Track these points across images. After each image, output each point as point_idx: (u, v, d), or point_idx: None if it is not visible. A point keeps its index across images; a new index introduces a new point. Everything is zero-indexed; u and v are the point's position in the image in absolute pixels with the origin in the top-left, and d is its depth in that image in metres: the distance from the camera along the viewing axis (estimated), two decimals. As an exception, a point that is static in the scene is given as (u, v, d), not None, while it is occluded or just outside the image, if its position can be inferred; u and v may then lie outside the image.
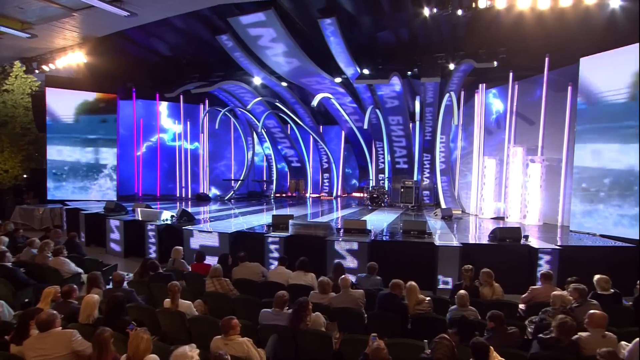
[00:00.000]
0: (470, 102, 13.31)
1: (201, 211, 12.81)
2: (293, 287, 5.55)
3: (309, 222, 8.51)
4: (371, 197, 14.75)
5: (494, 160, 11.63)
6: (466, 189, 13.44)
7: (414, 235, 8.03)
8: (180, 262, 6.43)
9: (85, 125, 15.41)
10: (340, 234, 8.29)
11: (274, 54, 12.38)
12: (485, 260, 7.29)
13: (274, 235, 8.19)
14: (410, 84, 14.64)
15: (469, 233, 9.41)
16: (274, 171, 19.16)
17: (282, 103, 16.85)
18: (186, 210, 10.05)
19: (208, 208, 13.89)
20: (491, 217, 11.66)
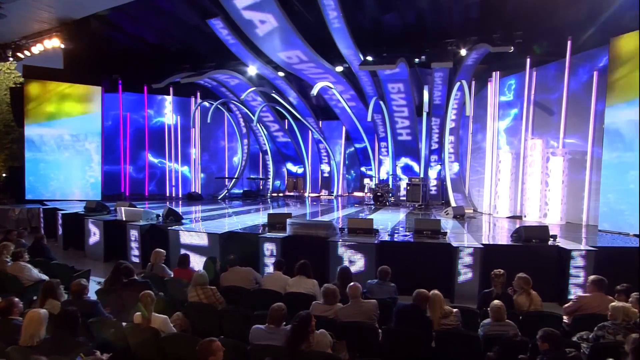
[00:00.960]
0: (481, 92, 12.61)
1: (192, 211, 12.05)
2: (292, 295, 4.81)
3: (309, 221, 7.78)
4: (375, 196, 14.01)
5: (509, 154, 10.91)
6: (478, 186, 12.72)
7: (428, 236, 7.29)
8: (160, 267, 5.67)
9: (67, 119, 14.62)
10: (344, 235, 7.56)
11: (271, 40, 11.64)
12: (509, 263, 6.56)
13: (270, 235, 7.45)
14: (417, 74, 13.92)
15: (486, 233, 8.67)
16: (271, 169, 18.39)
17: (279, 96, 16.10)
18: (172, 209, 9.29)
19: (200, 207, 13.11)
20: (507, 216, 10.94)
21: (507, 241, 7.29)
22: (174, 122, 16.44)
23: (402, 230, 8.54)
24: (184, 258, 5.49)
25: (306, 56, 12.05)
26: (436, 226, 7.41)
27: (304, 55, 11.97)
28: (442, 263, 6.77)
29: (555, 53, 10.13)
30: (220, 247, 7.68)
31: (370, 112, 12.73)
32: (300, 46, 11.52)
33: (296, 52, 11.79)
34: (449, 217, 10.57)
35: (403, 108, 13.98)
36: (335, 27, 10.49)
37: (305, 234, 7.50)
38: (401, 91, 13.36)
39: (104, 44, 14.79)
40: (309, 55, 12.03)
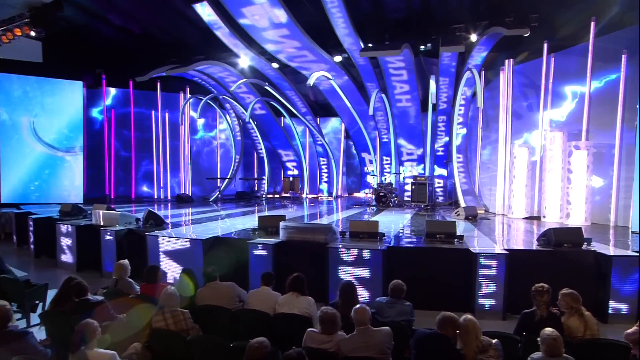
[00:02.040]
0: (491, 83, 11.74)
1: (180, 214, 11.14)
2: (282, 317, 3.92)
3: (306, 225, 6.89)
4: (377, 196, 13.12)
5: (525, 148, 10.03)
6: (489, 184, 11.84)
7: (441, 240, 6.41)
8: (126, 283, 4.75)
9: (46, 116, 13.71)
10: (345, 239, 6.68)
11: (263, 27, 10.75)
12: (538, 273, 5.72)
13: (261, 241, 6.54)
14: (422, 65, 13.06)
15: (506, 236, 7.77)
16: (266, 169, 17.48)
17: (274, 90, 15.20)
18: (153, 212, 8.38)
19: (189, 210, 12.18)
20: (523, 216, 10.06)
21: (532, 245, 6.39)
22: (161, 118, 15.52)
23: (410, 234, 7.64)
24: (152, 271, 4.57)
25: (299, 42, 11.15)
26: (451, 229, 6.52)
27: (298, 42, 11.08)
28: (459, 272, 5.90)
29: (575, 37, 9.27)
30: (203, 255, 6.79)
31: (371, 105, 11.84)
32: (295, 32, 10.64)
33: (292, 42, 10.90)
34: (460, 219, 9.67)
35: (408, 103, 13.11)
36: (333, 11, 9.62)
37: (301, 239, 6.62)
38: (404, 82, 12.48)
39: (85, 35, 13.93)
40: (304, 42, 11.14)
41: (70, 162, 14.01)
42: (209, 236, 7.05)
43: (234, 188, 17.36)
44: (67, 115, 13.92)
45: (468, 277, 5.75)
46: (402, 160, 14.71)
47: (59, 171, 13.94)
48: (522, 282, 5.80)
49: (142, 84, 14.85)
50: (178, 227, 8.37)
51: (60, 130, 13.87)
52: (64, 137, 13.91)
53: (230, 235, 7.35)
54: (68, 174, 14.04)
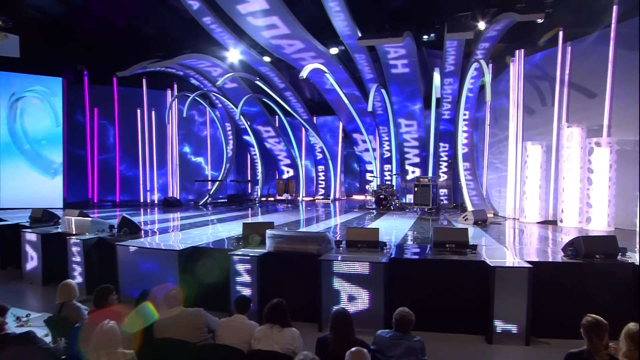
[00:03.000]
0: (500, 76, 10.96)
1: (164, 219, 10.33)
2: (258, 356, 3.11)
3: (296, 233, 6.08)
4: (377, 199, 12.32)
5: (539, 146, 9.24)
6: (498, 185, 11.04)
7: (452, 250, 5.60)
8: (73, 308, 3.94)
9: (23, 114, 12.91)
10: (342, 250, 5.89)
11: (252, 15, 9.96)
12: (568, 290, 4.97)
13: (244, 253, 5.75)
14: (424, 58, 12.29)
15: (522, 245, 6.95)
16: (259, 170, 16.68)
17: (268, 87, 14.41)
18: (128, 218, 7.57)
19: (175, 215, 11.37)
20: (537, 221, 9.26)
21: (557, 256, 5.58)
22: (147, 117, 14.72)
23: (415, 243, 6.83)
24: (103, 293, 3.75)
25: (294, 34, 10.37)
26: (462, 237, 5.72)
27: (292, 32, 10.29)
28: (472, 289, 5.11)
29: (594, 23, 8.49)
30: (179, 268, 5.99)
31: (370, 100, 11.06)
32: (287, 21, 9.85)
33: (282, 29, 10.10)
34: (468, 224, 8.87)
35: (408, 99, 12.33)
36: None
37: (290, 250, 5.82)
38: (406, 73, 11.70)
39: (65, 28, 13.16)
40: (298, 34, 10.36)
41: (48, 163, 13.19)
42: (186, 246, 6.24)
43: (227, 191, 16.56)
44: (45, 113, 13.12)
45: (483, 294, 4.95)
46: (404, 160, 13.91)
47: (37, 173, 13.13)
48: (548, 300, 5.03)
49: (127, 80, 14.08)
50: (158, 235, 7.56)
51: (39, 129, 13.07)
52: (42, 137, 13.10)
53: (210, 245, 6.53)
54: (47, 176, 13.22)
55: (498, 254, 5.74)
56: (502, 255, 5.67)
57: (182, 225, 9.20)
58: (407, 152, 13.77)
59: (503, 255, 5.68)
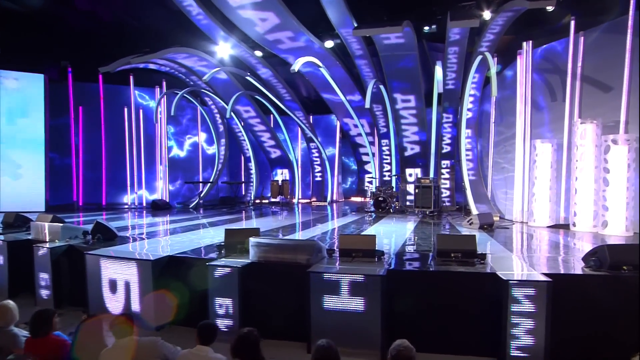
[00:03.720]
0: (506, 70, 10.37)
1: (150, 223, 9.72)
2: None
3: (283, 241, 5.47)
4: (376, 201, 11.70)
5: (549, 144, 8.63)
6: (505, 186, 10.43)
7: (457, 260, 4.99)
8: (9, 335, 3.32)
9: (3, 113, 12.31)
10: (334, 259, 5.30)
11: (242, 6, 9.37)
12: (590, 307, 4.35)
13: (224, 263, 5.14)
14: (425, 52, 11.70)
15: (534, 253, 6.31)
16: (253, 171, 16.06)
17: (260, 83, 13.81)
18: (102, 223, 6.96)
19: (161, 219, 10.75)
20: (547, 225, 8.65)
21: (576, 267, 4.97)
22: (135, 116, 14.11)
23: (416, 251, 6.22)
24: (41, 318, 3.13)
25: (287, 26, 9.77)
26: (469, 245, 5.11)
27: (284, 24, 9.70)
28: (482, 305, 4.51)
29: (608, 10, 7.89)
30: (153, 280, 5.37)
31: (368, 96, 10.46)
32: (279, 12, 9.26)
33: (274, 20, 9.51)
34: (473, 228, 8.27)
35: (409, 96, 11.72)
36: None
37: (277, 260, 5.21)
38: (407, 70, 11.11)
39: (48, 23, 12.58)
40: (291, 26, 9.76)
41: (30, 164, 12.58)
42: (161, 255, 5.63)
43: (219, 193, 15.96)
44: (27, 111, 12.52)
45: (495, 311, 4.34)
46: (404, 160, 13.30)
47: (17, 174, 12.51)
48: (569, 318, 4.43)
49: (113, 78, 13.53)
50: (137, 242, 6.94)
51: (19, 128, 12.46)
52: (23, 136, 12.49)
53: (189, 253, 5.91)
54: (27, 177, 12.61)
55: (509, 265, 5.14)
56: (514, 266, 5.07)
57: (166, 230, 8.58)
58: (407, 152, 13.15)
59: (515, 266, 5.07)
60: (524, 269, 4.86)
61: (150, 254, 5.82)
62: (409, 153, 13.10)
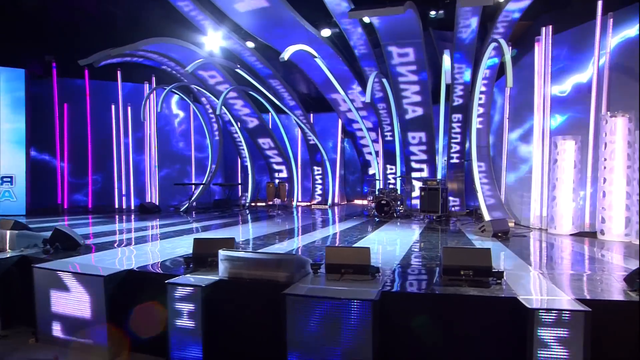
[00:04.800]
0: (522, 59, 9.45)
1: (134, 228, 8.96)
2: None
3: (258, 255, 4.63)
4: (378, 205, 10.83)
5: (572, 141, 7.69)
6: (520, 189, 9.50)
7: (468, 279, 4.12)
8: None
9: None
10: (319, 276, 4.48)
11: None
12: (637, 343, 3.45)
13: (186, 281, 4.34)
14: (432, 42, 10.83)
15: (559, 270, 5.36)
16: (249, 172, 15.27)
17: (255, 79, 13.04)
18: (62, 230, 6.19)
19: (150, 223, 9.98)
20: (571, 232, 7.71)
21: (614, 289, 4.05)
22: (123, 113, 13.41)
23: (420, 265, 5.35)
24: None
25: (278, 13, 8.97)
26: (482, 261, 4.23)
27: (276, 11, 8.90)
28: (501, 339, 3.63)
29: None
30: (106, 300, 4.58)
31: (368, 90, 9.61)
32: None
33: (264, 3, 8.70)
34: (486, 236, 7.37)
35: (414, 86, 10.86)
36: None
37: (250, 278, 4.39)
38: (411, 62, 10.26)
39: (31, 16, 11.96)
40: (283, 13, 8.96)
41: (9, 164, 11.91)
42: (117, 270, 4.82)
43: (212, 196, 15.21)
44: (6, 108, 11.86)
45: (517, 346, 3.47)
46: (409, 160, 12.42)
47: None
48: (610, 355, 3.56)
49: (100, 73, 12.87)
50: (105, 251, 6.15)
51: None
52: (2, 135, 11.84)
53: (151, 267, 5.10)
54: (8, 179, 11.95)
55: (531, 285, 4.24)
56: (537, 287, 4.17)
57: (144, 236, 7.79)
58: (413, 152, 12.26)
59: (539, 287, 4.18)
60: (551, 292, 3.96)
61: (108, 267, 5.03)
62: (414, 153, 12.22)
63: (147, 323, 4.48)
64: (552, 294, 3.89)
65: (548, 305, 3.49)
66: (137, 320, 4.56)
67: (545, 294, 3.96)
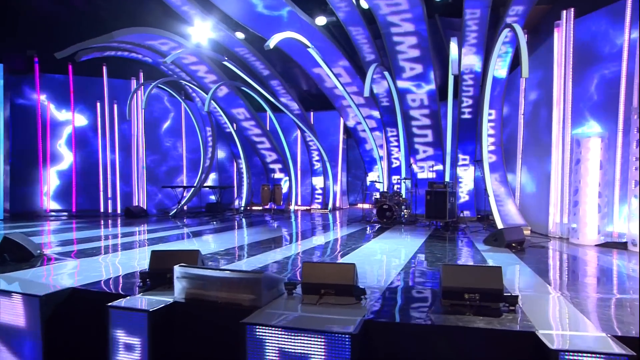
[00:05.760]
0: (539, 48, 8.69)
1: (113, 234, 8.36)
2: None
3: (220, 273, 3.93)
4: (380, 210, 10.12)
5: (598, 139, 6.91)
6: (538, 193, 8.71)
7: (474, 305, 3.42)
8: None
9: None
10: (296, 296, 3.83)
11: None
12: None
13: (130, 305, 3.70)
14: (438, 30, 10.12)
15: (584, 290, 4.59)
16: (244, 175, 14.66)
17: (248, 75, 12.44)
18: (11, 238, 5.61)
19: (134, 229, 9.39)
20: (596, 243, 6.92)
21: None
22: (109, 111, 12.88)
23: (421, 282, 4.64)
24: None
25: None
26: (493, 282, 3.52)
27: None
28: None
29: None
30: (42, 325, 3.95)
31: (367, 83, 8.93)
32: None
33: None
34: (498, 246, 6.62)
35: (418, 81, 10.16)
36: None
37: (211, 300, 3.75)
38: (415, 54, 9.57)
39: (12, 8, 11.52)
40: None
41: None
42: (57, 289, 4.19)
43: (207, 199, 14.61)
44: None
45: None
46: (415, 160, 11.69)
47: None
48: None
49: (85, 69, 12.41)
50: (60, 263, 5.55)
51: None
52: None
53: (103, 284, 4.47)
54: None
55: (553, 313, 3.51)
56: (561, 317, 3.43)
57: (117, 245, 7.18)
58: (419, 150, 11.54)
59: (563, 316, 3.43)
60: (578, 324, 3.22)
61: (50, 284, 4.41)
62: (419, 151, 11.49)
63: (89, 356, 3.85)
64: (579, 326, 3.15)
65: (575, 344, 2.76)
66: (77, 351, 3.93)
67: (571, 325, 3.22)
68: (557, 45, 7.73)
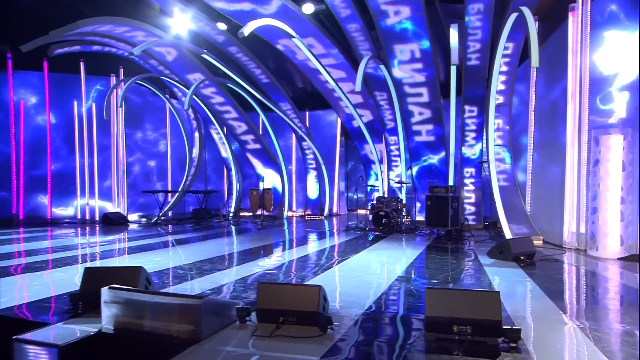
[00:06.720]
0: (552, 36, 8.05)
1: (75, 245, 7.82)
2: None
3: (156, 297, 3.32)
4: (375, 216, 9.50)
5: (620, 137, 6.24)
6: (550, 199, 8.03)
7: (463, 340, 2.79)
8: None
9: None
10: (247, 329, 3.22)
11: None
12: None
13: (39, 339, 3.11)
14: (439, 18, 9.52)
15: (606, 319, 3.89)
16: (233, 179, 14.11)
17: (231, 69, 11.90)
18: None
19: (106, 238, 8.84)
20: (619, 256, 6.22)
21: None
22: (87, 110, 12.41)
23: (397, 310, 3.99)
24: None
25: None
26: (488, 310, 2.89)
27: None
28: None
29: None
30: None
31: (359, 76, 8.33)
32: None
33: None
34: (504, 259, 5.96)
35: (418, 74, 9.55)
36: None
37: (143, 330, 3.16)
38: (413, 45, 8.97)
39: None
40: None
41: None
42: (-32, 314, 3.61)
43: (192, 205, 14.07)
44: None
45: None
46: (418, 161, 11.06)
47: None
48: None
49: (61, 65, 12.00)
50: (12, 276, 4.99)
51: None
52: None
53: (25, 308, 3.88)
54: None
55: (568, 353, 2.84)
56: (578, 358, 2.77)
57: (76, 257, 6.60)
58: (420, 152, 10.91)
59: (581, 357, 2.78)
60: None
61: None
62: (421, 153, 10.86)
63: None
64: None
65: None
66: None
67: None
68: (571, 30, 7.08)
